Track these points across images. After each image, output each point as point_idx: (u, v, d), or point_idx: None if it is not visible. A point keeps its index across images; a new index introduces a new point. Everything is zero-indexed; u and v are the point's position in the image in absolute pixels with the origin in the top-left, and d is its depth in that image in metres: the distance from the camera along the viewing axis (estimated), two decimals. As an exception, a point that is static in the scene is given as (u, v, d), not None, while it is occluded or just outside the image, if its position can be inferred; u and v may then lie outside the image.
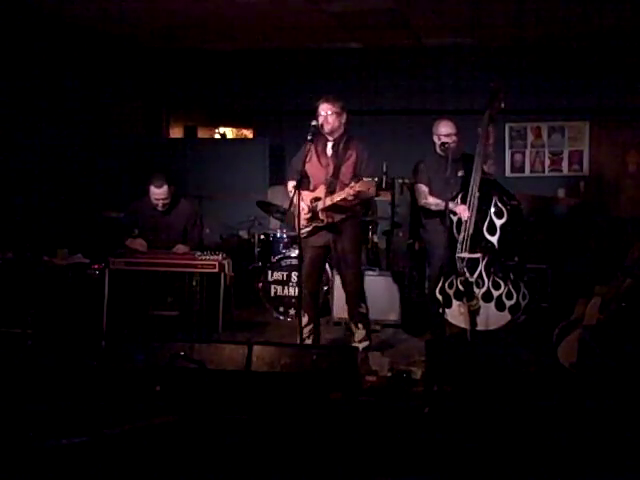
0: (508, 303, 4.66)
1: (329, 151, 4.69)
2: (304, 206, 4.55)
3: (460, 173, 4.93)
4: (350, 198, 4.48)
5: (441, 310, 4.75)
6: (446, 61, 8.13)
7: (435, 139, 5.04)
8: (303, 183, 4.58)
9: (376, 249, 6.78)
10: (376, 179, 4.44)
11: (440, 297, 4.77)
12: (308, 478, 2.92)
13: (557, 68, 7.77)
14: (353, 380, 3.83)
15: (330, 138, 4.65)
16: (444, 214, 4.71)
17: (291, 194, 4.53)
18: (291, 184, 4.77)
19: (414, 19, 6.83)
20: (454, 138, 4.95)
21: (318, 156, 4.61)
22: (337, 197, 4.54)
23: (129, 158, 8.01)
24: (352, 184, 4.46)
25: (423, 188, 5.10)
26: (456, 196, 4.80)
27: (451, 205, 4.76)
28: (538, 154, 8.21)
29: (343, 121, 4.67)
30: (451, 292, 4.77)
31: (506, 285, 4.66)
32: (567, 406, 3.55)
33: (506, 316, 4.67)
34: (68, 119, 7.29)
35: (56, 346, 4.69)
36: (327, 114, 4.58)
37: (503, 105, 4.74)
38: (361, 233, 5.11)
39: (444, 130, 4.99)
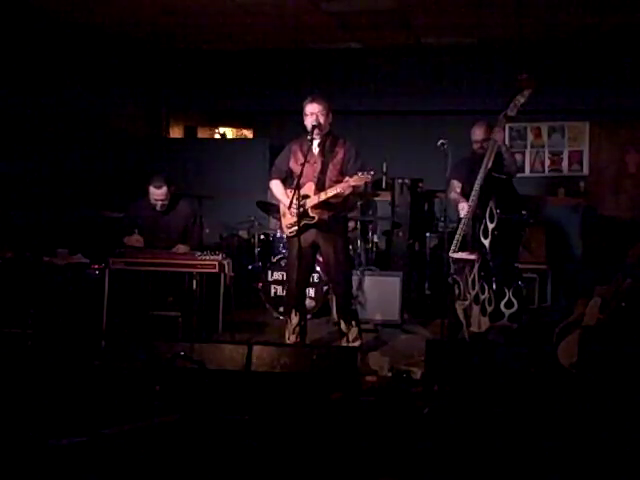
0: (489, 309, 4.69)
1: (315, 149, 4.72)
2: (288, 202, 4.59)
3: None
4: (345, 193, 4.55)
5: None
6: (446, 61, 8.13)
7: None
8: (287, 182, 4.86)
9: (376, 249, 6.78)
10: (372, 172, 4.47)
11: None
12: (308, 478, 2.92)
13: (557, 68, 7.77)
14: (353, 380, 3.83)
15: (317, 137, 4.68)
16: None
17: (276, 193, 4.89)
18: (274, 183, 4.92)
19: (414, 19, 6.83)
20: (479, 145, 5.04)
21: (304, 155, 4.63)
22: (330, 192, 4.57)
23: (129, 158, 8.02)
24: (347, 179, 4.50)
25: (455, 183, 5.16)
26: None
27: (459, 201, 4.84)
28: (538, 154, 8.22)
29: (329, 120, 4.73)
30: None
31: (489, 291, 4.69)
32: (567, 406, 3.54)
33: (486, 321, 4.71)
34: (68, 119, 7.29)
35: (56, 346, 4.69)
36: (318, 113, 4.62)
37: (523, 100, 4.70)
38: (347, 230, 5.18)
39: (472, 135, 5.11)
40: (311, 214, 4.68)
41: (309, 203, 4.66)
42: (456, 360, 3.99)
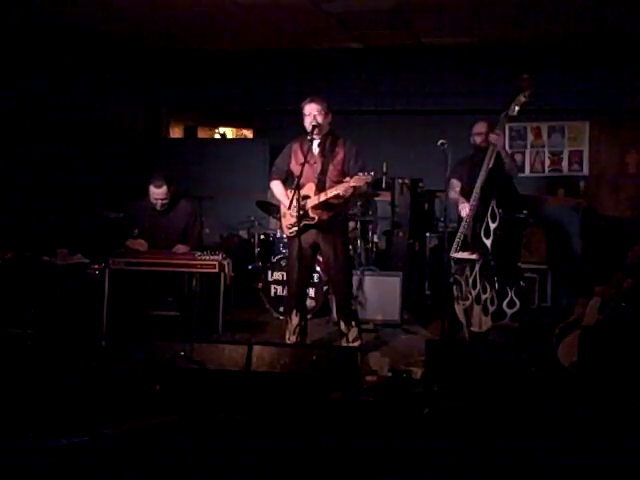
0: (491, 309, 4.69)
1: (316, 150, 4.72)
2: (288, 202, 4.58)
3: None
4: (345, 194, 4.54)
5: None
6: (446, 61, 8.13)
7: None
8: (288, 182, 4.87)
9: (376, 249, 6.78)
10: (372, 173, 4.47)
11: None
12: (308, 478, 2.92)
13: (557, 68, 7.77)
14: (353, 380, 3.83)
15: (316, 137, 4.68)
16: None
17: (277, 194, 4.88)
18: (275, 183, 4.91)
19: (414, 19, 6.83)
20: (483, 137, 5.03)
21: (304, 155, 4.63)
22: (331, 193, 4.57)
23: (129, 158, 8.02)
24: (347, 179, 4.50)
25: (455, 183, 5.15)
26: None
27: (460, 201, 4.82)
28: (538, 154, 8.21)
29: (329, 120, 4.72)
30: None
31: (491, 291, 4.69)
32: (567, 406, 3.54)
33: (488, 321, 4.71)
34: (68, 119, 7.30)
35: (56, 346, 4.69)
36: (315, 114, 4.62)
37: (524, 100, 4.70)
38: (347, 231, 5.17)
39: (474, 129, 5.13)
40: (311, 215, 4.68)
41: (309, 204, 4.66)
42: (456, 360, 3.98)
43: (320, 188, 4.66)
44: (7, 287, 5.12)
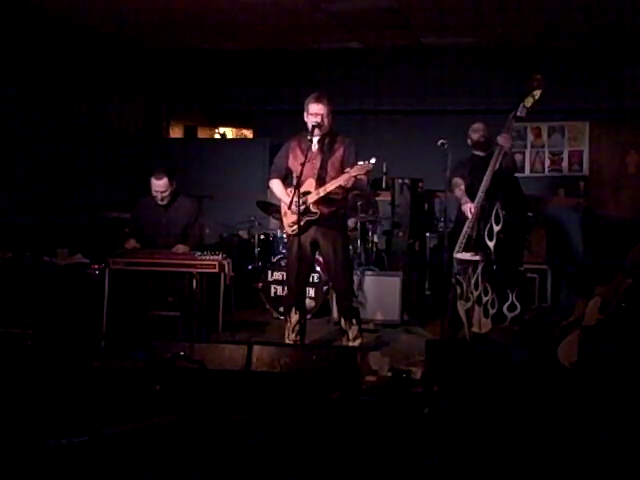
0: (491, 311, 4.69)
1: (315, 146, 4.72)
2: (289, 202, 4.58)
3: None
4: (347, 184, 4.52)
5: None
6: (446, 61, 8.14)
7: None
8: (288, 180, 4.85)
9: (376, 249, 6.78)
10: (373, 160, 4.45)
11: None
12: (308, 478, 2.92)
13: (557, 68, 7.77)
14: (353, 380, 3.83)
15: (316, 135, 4.68)
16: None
17: (277, 192, 4.87)
18: (274, 182, 4.90)
19: (414, 19, 6.83)
20: (480, 134, 5.06)
21: (303, 152, 4.63)
22: (332, 185, 4.56)
23: (129, 158, 8.02)
24: (347, 169, 4.49)
25: (459, 181, 5.13)
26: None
27: (462, 201, 4.82)
28: (538, 154, 8.22)
29: (331, 122, 4.72)
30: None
31: (492, 293, 4.68)
32: (567, 406, 3.54)
33: (488, 323, 4.70)
34: (68, 119, 7.30)
35: (56, 346, 4.69)
36: (322, 114, 4.62)
37: (533, 101, 4.69)
38: (347, 228, 5.18)
39: (470, 129, 5.14)
40: (313, 209, 4.67)
41: (310, 199, 4.65)
42: (456, 360, 3.98)
43: (320, 183, 4.65)
44: (7, 287, 5.11)
